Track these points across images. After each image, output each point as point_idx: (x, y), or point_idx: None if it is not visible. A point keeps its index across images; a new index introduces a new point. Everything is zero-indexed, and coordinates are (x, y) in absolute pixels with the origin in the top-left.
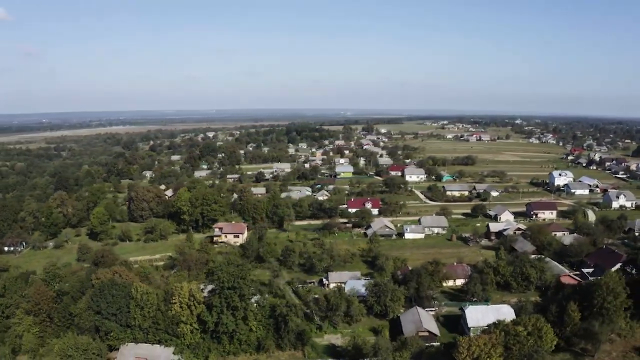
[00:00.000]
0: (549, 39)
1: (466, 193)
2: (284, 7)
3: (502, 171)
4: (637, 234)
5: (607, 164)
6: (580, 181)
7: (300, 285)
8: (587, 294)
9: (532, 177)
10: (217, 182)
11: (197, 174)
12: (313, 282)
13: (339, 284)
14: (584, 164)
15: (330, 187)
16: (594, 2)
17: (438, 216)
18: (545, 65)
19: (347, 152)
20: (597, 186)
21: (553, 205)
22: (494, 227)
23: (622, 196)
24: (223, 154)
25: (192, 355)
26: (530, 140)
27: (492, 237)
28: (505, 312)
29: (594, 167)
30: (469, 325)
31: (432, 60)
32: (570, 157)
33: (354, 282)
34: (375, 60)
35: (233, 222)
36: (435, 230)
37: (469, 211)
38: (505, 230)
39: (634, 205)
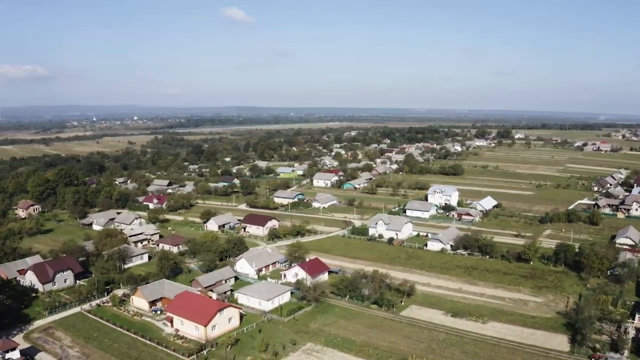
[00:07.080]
0: None
1: (290, 201)
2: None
3: (424, 184)
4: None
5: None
6: (430, 203)
7: None
8: None
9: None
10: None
11: (192, 167)
12: None
13: None
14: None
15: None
16: None
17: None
18: None
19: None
20: (454, 209)
21: (263, 221)
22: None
23: (380, 222)
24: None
25: None
26: None
27: None
28: None
29: (599, 189)
30: None
31: None
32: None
33: None
34: None
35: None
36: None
37: None
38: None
39: (397, 237)
